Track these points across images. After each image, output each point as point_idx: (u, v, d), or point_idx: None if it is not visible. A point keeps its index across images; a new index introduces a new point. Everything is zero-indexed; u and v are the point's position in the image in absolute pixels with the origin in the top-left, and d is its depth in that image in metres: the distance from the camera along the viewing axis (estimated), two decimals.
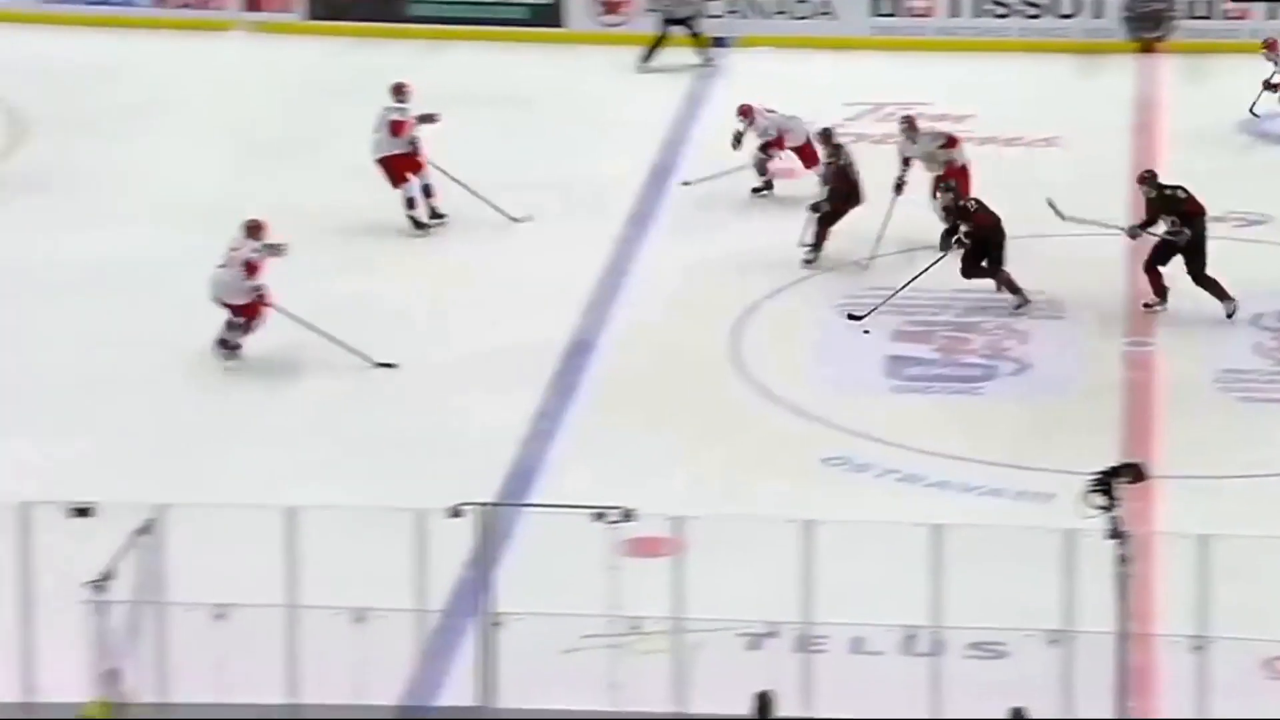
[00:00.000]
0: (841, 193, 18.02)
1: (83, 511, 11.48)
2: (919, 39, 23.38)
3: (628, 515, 11.75)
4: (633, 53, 22.55)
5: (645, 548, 12.04)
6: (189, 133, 20.52)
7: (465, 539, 11.95)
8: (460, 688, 12.11)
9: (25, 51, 22.06)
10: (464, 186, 18.38)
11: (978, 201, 17.36)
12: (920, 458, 15.01)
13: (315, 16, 23.51)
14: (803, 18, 23.38)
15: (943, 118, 21.03)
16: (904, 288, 16.98)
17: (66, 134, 20.26)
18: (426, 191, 18.33)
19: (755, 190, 19.07)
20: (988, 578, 12.34)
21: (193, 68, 22.22)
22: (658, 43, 22.54)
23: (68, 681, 11.44)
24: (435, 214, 18.36)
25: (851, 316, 16.78)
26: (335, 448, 15.10)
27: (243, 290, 15.75)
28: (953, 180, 17.60)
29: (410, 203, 18.29)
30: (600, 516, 11.73)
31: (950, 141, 18.46)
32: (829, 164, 18.15)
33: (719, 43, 22.87)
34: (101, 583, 11.19)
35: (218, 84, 21.84)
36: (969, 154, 18.52)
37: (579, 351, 16.64)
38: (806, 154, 18.97)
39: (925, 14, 23.45)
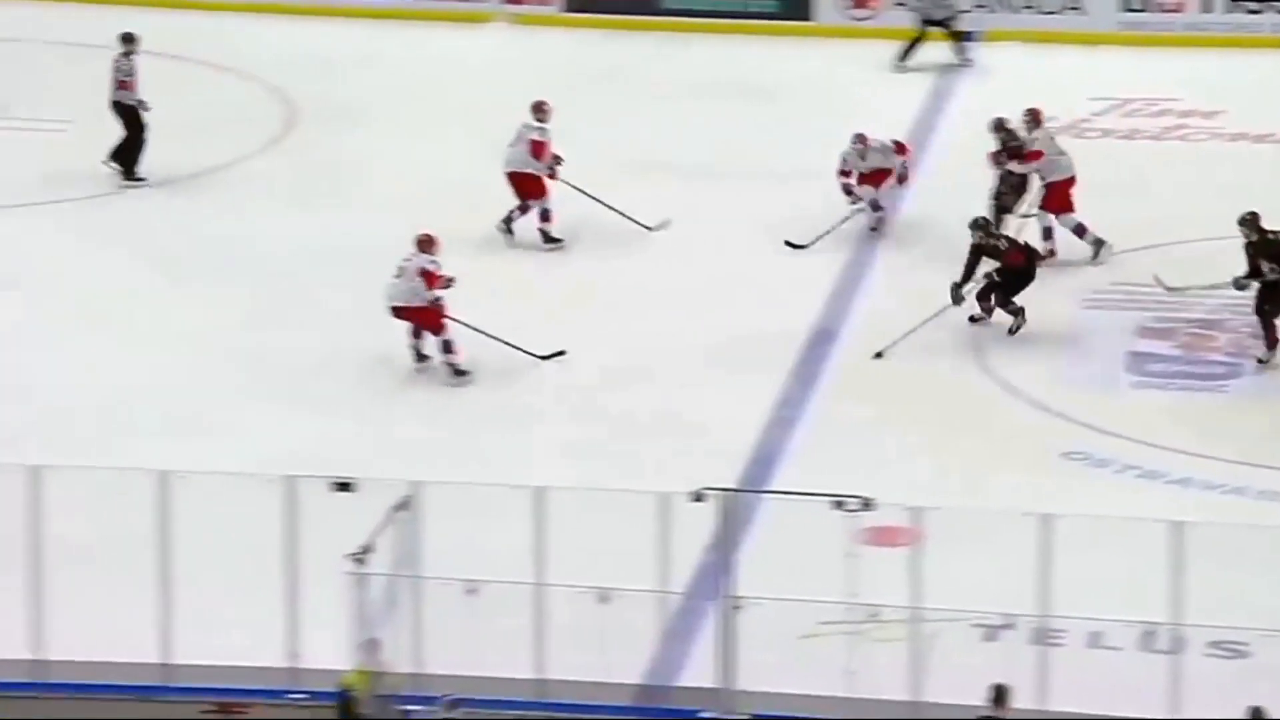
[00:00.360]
0: (1012, 181, 17.92)
1: (344, 486, 11.90)
2: (1168, 34, 23.12)
3: (867, 504, 11.87)
4: (881, 47, 22.57)
5: (884, 537, 12.14)
6: (445, 123, 20.88)
7: (707, 523, 12.17)
8: (700, 669, 12.31)
9: (301, 42, 22.66)
10: (598, 200, 18.15)
11: (1010, 240, 16.83)
12: (1161, 454, 14.96)
13: (572, 9, 23.90)
14: (1051, 12, 23.23)
15: (1190, 114, 20.84)
16: (912, 331, 16.26)
17: (332, 122, 20.82)
18: (544, 216, 18.15)
19: (873, 229, 18.38)
20: (1229, 576, 12.29)
21: (452, 59, 22.69)
22: (915, 42, 22.48)
23: (328, 649, 11.86)
24: (550, 238, 18.13)
25: (878, 355, 16.28)
26: (581, 431, 15.40)
27: (421, 298, 15.97)
28: (982, 217, 16.93)
29: (523, 211, 18.08)
30: (840, 505, 11.85)
31: (1031, 154, 17.76)
32: (1004, 151, 18.01)
33: (967, 37, 22.80)
34: (362, 555, 11.56)
35: (475, 75, 22.28)
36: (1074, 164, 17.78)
37: (821, 341, 16.77)
38: (878, 178, 18.35)
39: (1175, 9, 23.19)
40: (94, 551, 12.81)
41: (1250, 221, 16.31)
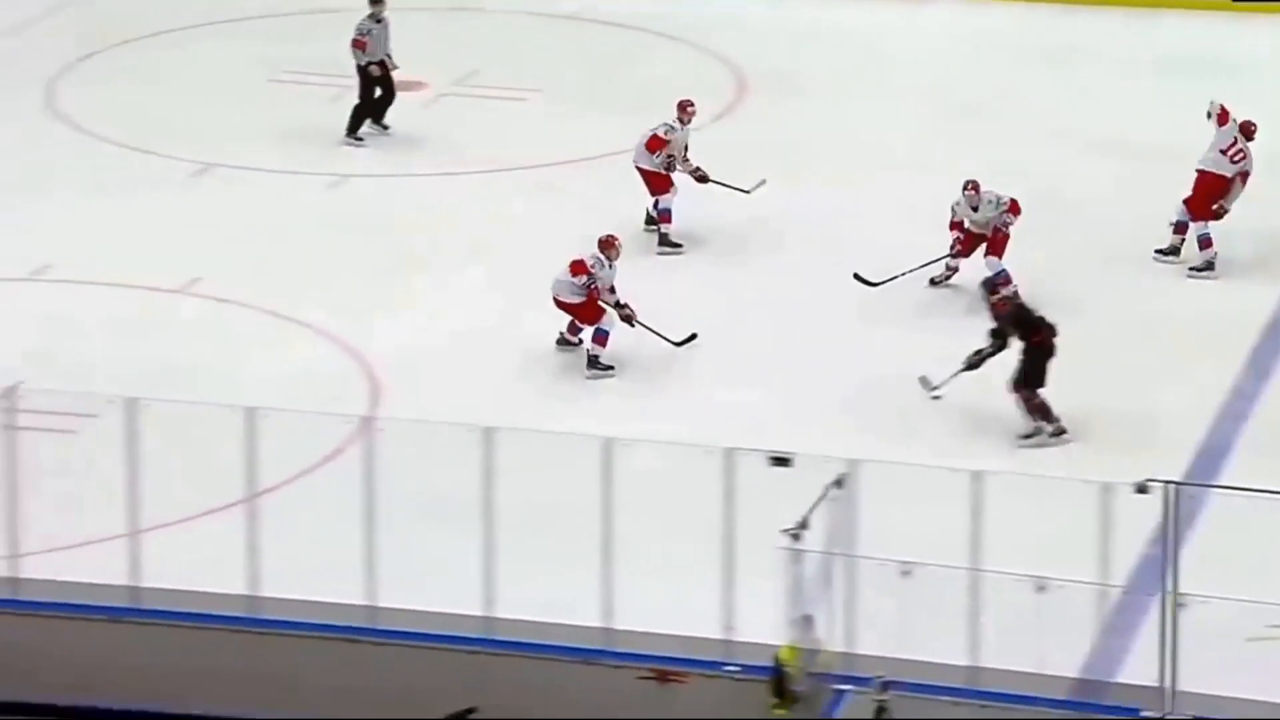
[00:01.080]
0: None
1: (782, 461, 11.92)
2: None
3: None
4: None
5: None
6: (890, 96, 20.75)
7: (1151, 516, 11.83)
8: (1140, 666, 11.99)
9: (753, 13, 22.71)
10: (719, 183, 17.78)
11: (1003, 296, 14.88)
12: None
13: None
14: None
15: None
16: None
17: (779, 94, 20.90)
18: (664, 215, 17.74)
19: (934, 281, 16.95)
20: None
21: (901, 33, 22.52)
22: None
23: (762, 623, 11.91)
24: (666, 240, 17.72)
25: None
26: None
27: (573, 292, 15.87)
28: (1008, 286, 15.17)
29: (666, 214, 17.72)
30: None
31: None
32: None
33: None
34: (798, 531, 11.58)
35: (923, 48, 22.08)
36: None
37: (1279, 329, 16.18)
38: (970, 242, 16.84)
39: None
40: (540, 514, 13.10)
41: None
